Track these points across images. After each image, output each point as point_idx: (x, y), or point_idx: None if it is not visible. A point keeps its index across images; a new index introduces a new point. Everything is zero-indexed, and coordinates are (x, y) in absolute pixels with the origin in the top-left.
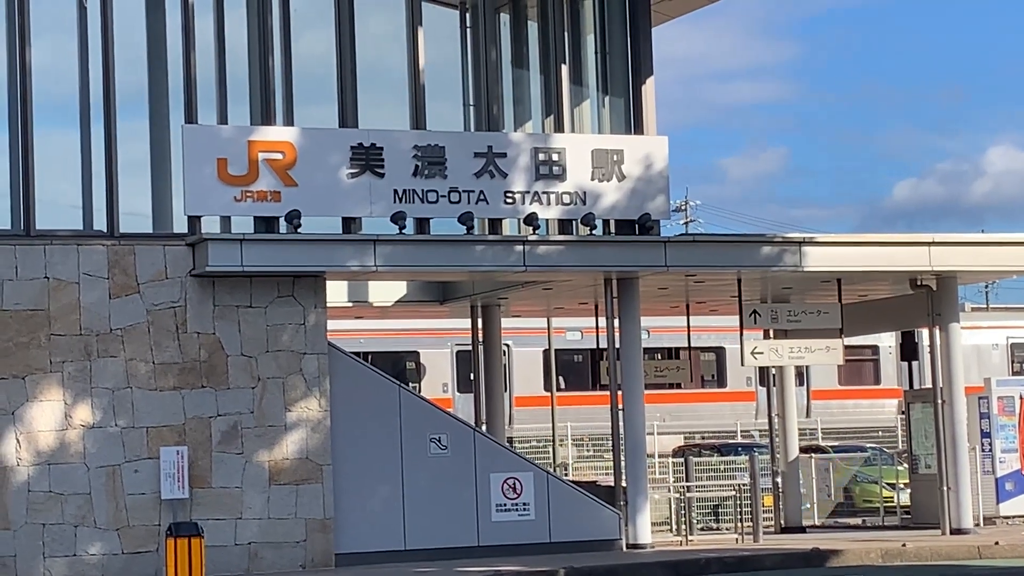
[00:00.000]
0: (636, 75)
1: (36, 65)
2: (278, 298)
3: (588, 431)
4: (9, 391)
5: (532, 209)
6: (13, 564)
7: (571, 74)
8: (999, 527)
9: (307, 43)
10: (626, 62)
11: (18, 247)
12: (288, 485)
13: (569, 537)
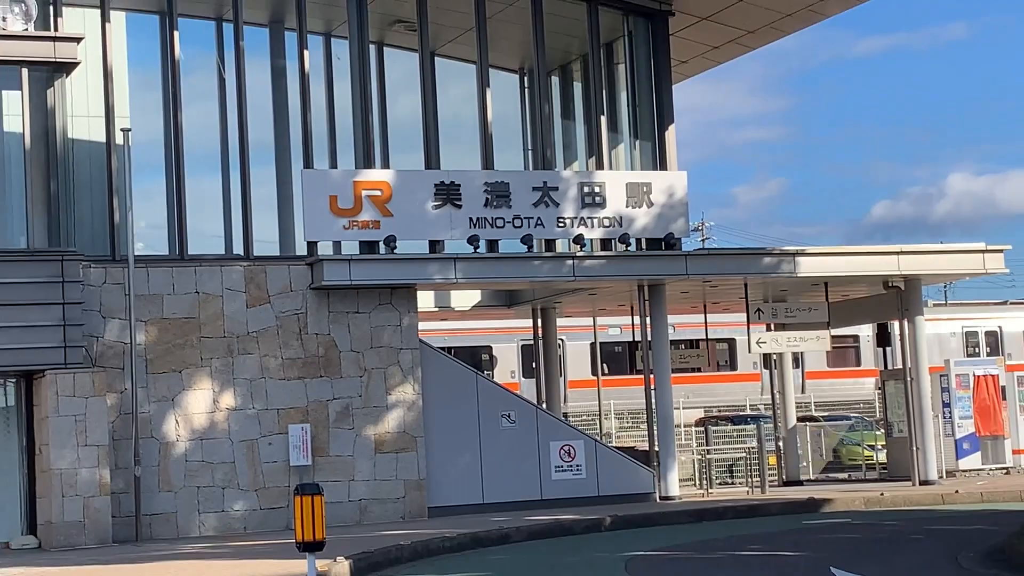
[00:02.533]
0: (661, 122)
1: (187, 125)
2: (379, 305)
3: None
4: (169, 383)
5: (579, 231)
6: (175, 519)
7: (608, 123)
8: (958, 479)
9: (399, 102)
10: (652, 112)
11: (175, 268)
12: (390, 453)
13: (613, 491)
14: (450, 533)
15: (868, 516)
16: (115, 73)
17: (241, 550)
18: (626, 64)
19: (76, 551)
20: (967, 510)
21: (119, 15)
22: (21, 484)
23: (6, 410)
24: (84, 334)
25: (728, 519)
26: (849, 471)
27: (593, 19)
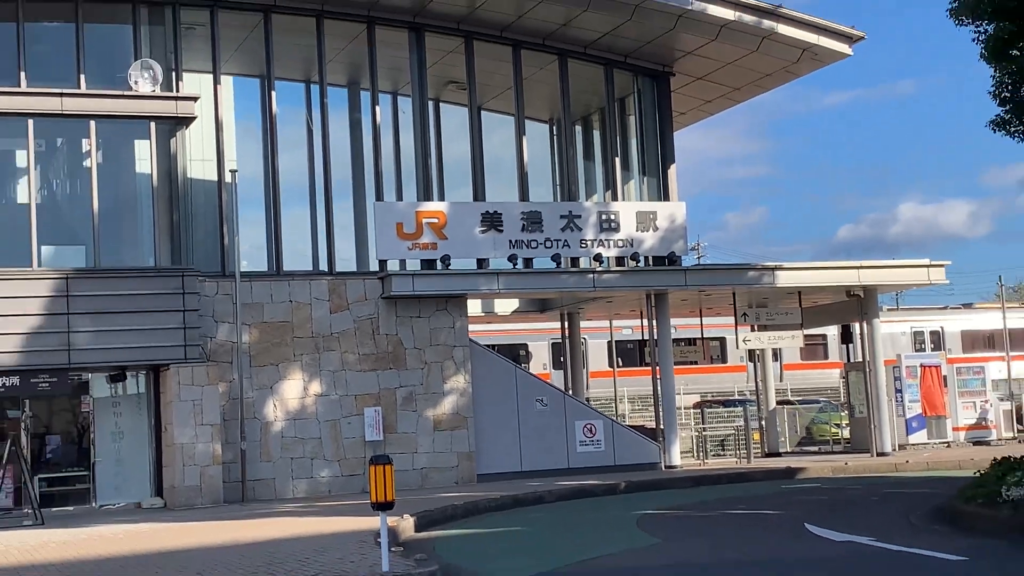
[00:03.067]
0: (664, 162)
1: (282, 166)
2: (437, 311)
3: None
4: (269, 374)
5: (598, 251)
6: (273, 484)
7: (621, 163)
8: (908, 451)
9: (452, 147)
10: (657, 154)
11: (272, 282)
12: (445, 431)
13: (626, 461)
14: (494, 495)
15: (835, 481)
16: (224, 125)
17: (326, 509)
18: (636, 115)
19: (194, 510)
20: (915, 477)
21: (227, 78)
22: (150, 456)
23: (138, 396)
24: (200, 335)
25: (721, 484)
26: (819, 445)
27: (609, 79)
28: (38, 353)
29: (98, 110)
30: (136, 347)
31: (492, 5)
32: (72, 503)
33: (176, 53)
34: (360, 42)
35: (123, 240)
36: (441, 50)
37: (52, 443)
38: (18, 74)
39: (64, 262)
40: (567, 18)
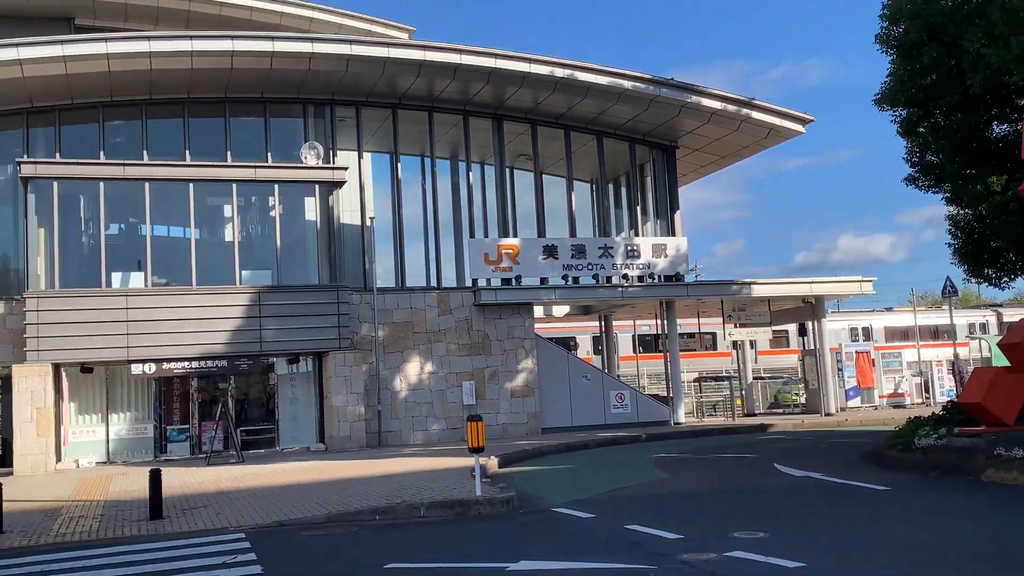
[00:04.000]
0: (671, 209)
1: (405, 213)
2: (512, 314)
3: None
4: (396, 358)
5: (625, 272)
6: (400, 435)
7: (641, 210)
8: (847, 412)
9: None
10: (667, 203)
11: (398, 294)
12: (518, 398)
13: (646, 419)
14: (553, 443)
15: (795, 434)
16: (365, 186)
17: (436, 452)
18: (651, 176)
19: (346, 452)
20: (853, 430)
21: (367, 154)
22: (316, 415)
23: (308, 373)
24: (349, 331)
25: (713, 436)
26: (783, 408)
27: (632, 152)
28: (239, 344)
29: (280, 177)
30: (306, 340)
31: (550, 101)
32: (262, 447)
33: (332, 137)
34: (458, 127)
35: (297, 266)
36: (514, 132)
37: (249, 406)
38: (225, 153)
39: (257, 281)
40: (602, 109)
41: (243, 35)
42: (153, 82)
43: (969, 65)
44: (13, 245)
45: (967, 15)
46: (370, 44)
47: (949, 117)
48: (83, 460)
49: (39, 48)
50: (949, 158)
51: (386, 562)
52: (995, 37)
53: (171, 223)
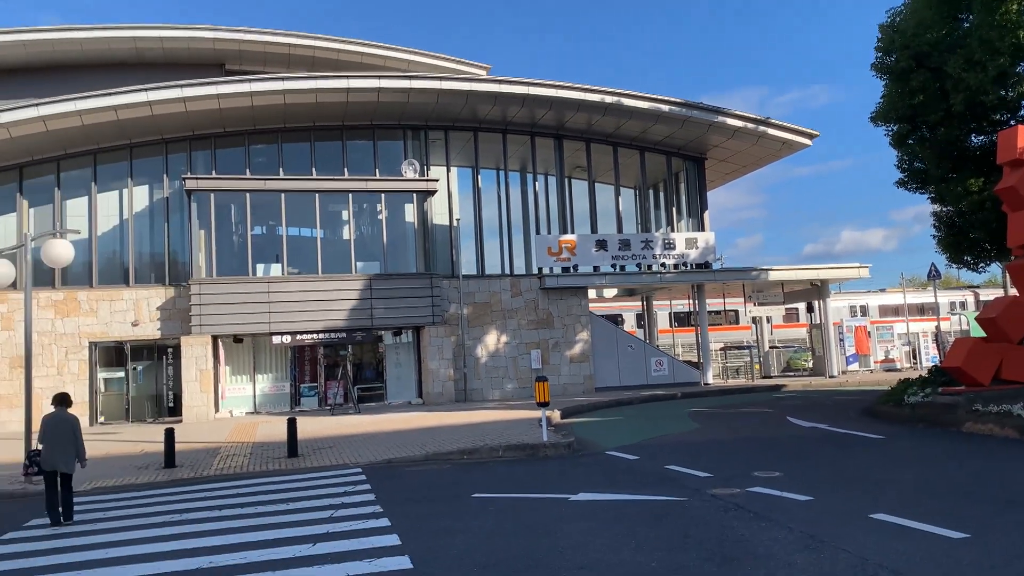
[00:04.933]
0: (701, 210)
1: (484, 216)
2: (571, 296)
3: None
4: (478, 332)
5: (663, 261)
6: (481, 392)
7: (676, 210)
8: (847, 375)
9: (578, 202)
10: (698, 205)
11: (479, 280)
12: (576, 363)
13: (681, 381)
14: (604, 399)
15: (804, 393)
16: (452, 194)
17: (511, 406)
18: (684, 183)
19: (438, 405)
20: (852, 390)
21: (454, 168)
22: (415, 376)
23: (408, 343)
24: (440, 310)
25: (736, 394)
26: (794, 371)
27: (668, 163)
28: (355, 320)
29: (385, 188)
30: (407, 316)
31: (601, 123)
32: (374, 401)
33: (426, 155)
34: (526, 146)
35: (399, 258)
36: (572, 148)
37: (363, 368)
38: (343, 169)
39: (368, 270)
40: (644, 129)
41: (356, 75)
42: (286, 114)
43: (951, 87)
44: (181, 244)
45: (950, 45)
46: (455, 80)
47: (934, 131)
48: (236, 411)
49: (198, 88)
50: (934, 164)
51: (473, 492)
52: (974, 63)
53: (301, 225)
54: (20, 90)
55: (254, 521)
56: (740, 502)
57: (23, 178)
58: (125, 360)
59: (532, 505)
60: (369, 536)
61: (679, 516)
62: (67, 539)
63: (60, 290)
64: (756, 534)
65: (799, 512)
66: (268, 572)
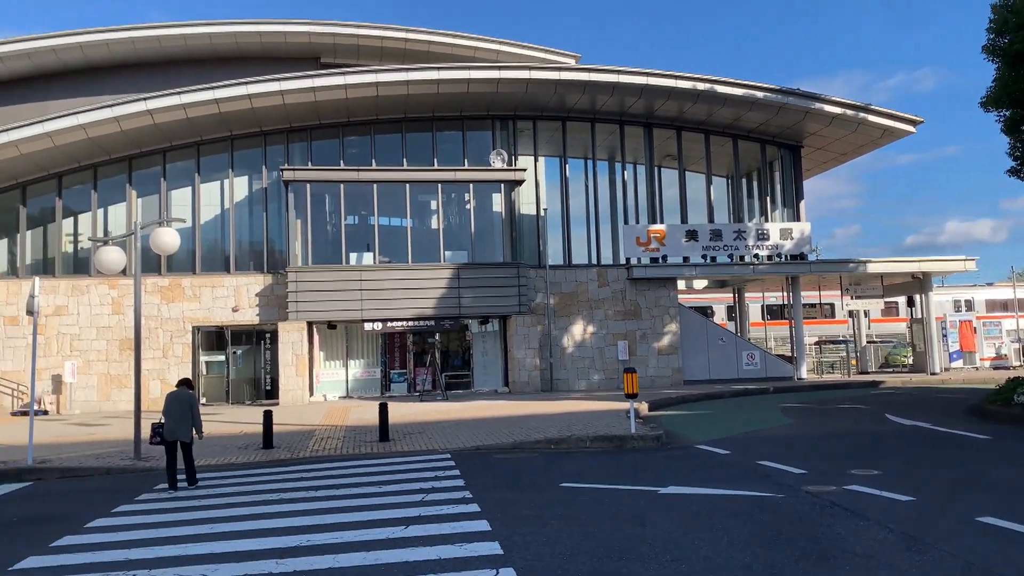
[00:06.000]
0: (797, 199)
1: (572, 205)
2: (659, 287)
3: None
4: (564, 321)
5: (756, 252)
6: (567, 382)
7: (770, 199)
8: (950, 372)
9: (668, 191)
10: (793, 193)
11: (566, 270)
12: (664, 355)
13: (773, 375)
14: (693, 392)
15: (904, 390)
16: (540, 184)
17: (597, 397)
18: (779, 172)
19: (524, 394)
20: (956, 388)
21: (541, 158)
22: (501, 364)
23: (495, 332)
24: (527, 299)
25: (831, 390)
26: (893, 368)
27: (763, 151)
28: (443, 308)
29: (474, 178)
30: (494, 305)
31: (692, 110)
32: (460, 389)
33: (514, 145)
34: (615, 134)
35: (486, 247)
36: (662, 137)
37: (450, 356)
38: (432, 160)
39: (456, 259)
40: (737, 116)
41: (447, 66)
42: (379, 106)
43: None
44: (278, 232)
45: None
46: (544, 69)
47: None
48: (329, 395)
49: (295, 81)
50: None
51: (561, 481)
52: None
53: (392, 215)
54: (128, 85)
55: (348, 502)
56: (836, 500)
57: (132, 169)
58: (225, 344)
59: (621, 496)
60: (460, 521)
61: (773, 512)
62: (173, 514)
63: (166, 276)
64: (854, 533)
65: (899, 512)
66: (363, 552)
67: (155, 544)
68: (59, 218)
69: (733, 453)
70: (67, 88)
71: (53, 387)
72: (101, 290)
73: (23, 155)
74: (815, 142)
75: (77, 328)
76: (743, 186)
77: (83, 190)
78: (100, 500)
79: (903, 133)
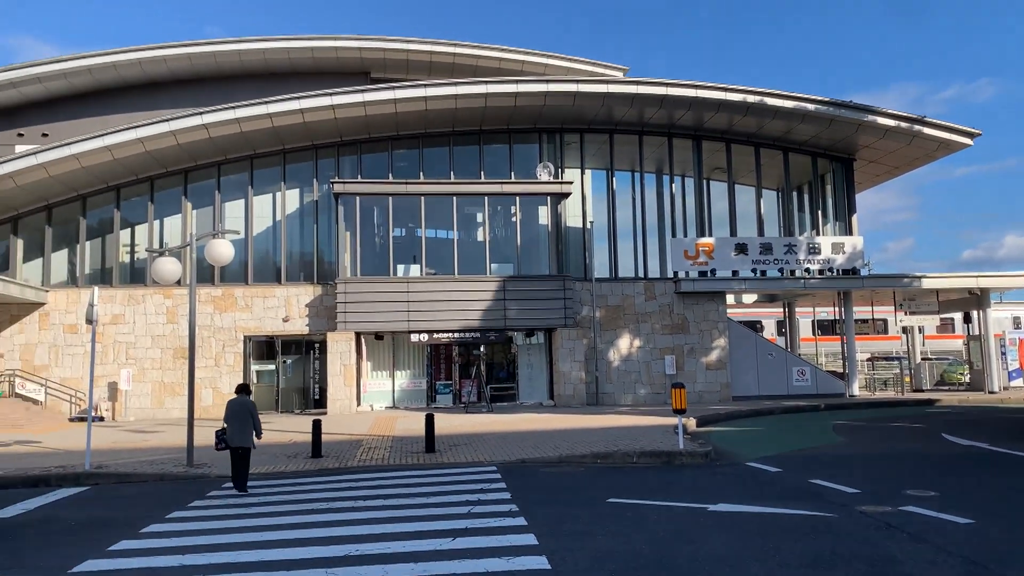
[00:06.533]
0: (849, 213)
1: (618, 217)
2: (707, 301)
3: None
4: (610, 335)
5: (807, 266)
6: (613, 396)
7: (822, 213)
8: (1009, 391)
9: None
10: (845, 207)
11: (612, 283)
12: (712, 370)
13: (824, 392)
14: (742, 408)
15: (960, 409)
16: (586, 197)
17: (643, 412)
18: (831, 185)
19: (569, 408)
20: (1015, 407)
21: (588, 171)
22: (546, 377)
23: (540, 345)
24: (573, 312)
25: (884, 408)
26: (949, 386)
27: (814, 164)
28: (489, 320)
29: (520, 191)
30: (539, 318)
31: (742, 123)
32: (505, 401)
33: (561, 158)
34: (663, 147)
35: (532, 260)
36: (711, 149)
37: (495, 368)
38: (479, 173)
39: (502, 272)
40: (787, 129)
41: (495, 80)
42: (427, 119)
43: None
44: (327, 244)
45: None
46: (592, 82)
47: None
48: (376, 405)
49: (346, 96)
50: None
51: (608, 496)
52: None
53: (438, 227)
54: (184, 100)
55: (395, 513)
56: (892, 521)
57: (187, 182)
58: (275, 354)
59: (669, 513)
60: (506, 534)
61: (826, 532)
62: (225, 520)
63: (219, 287)
64: (910, 556)
65: (958, 536)
66: (411, 563)
67: (208, 551)
68: (117, 229)
69: (784, 471)
70: (126, 103)
71: (109, 394)
72: (156, 300)
73: (84, 168)
74: (868, 155)
75: (133, 336)
76: (794, 199)
77: (140, 202)
78: (155, 505)
79: (960, 146)
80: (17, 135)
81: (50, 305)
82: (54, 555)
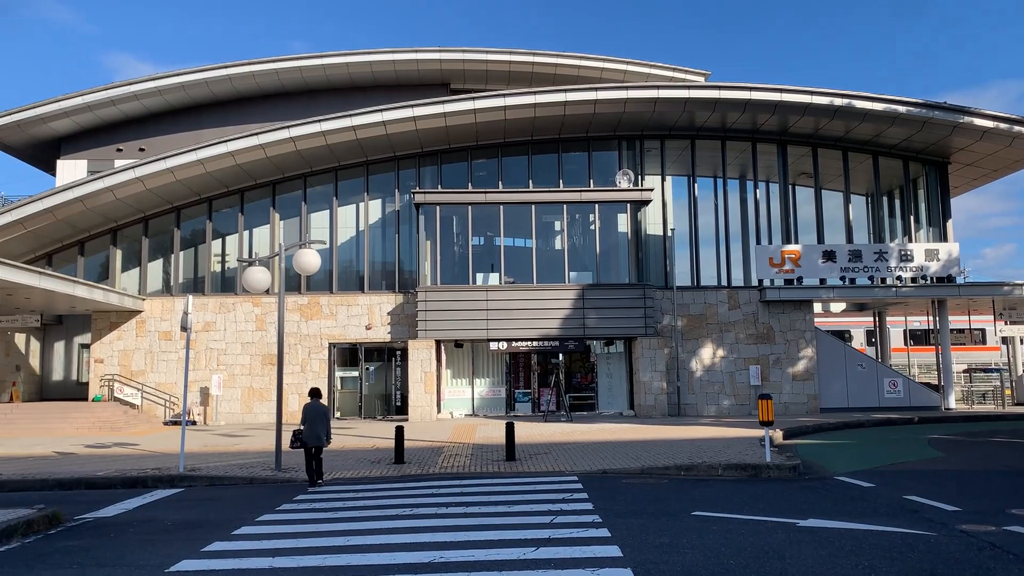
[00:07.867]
0: (943, 219)
1: (700, 224)
2: (794, 310)
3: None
4: (692, 344)
5: (898, 273)
6: (695, 407)
7: (914, 219)
8: None
9: (803, 210)
10: (939, 213)
11: (694, 291)
12: (799, 381)
13: (918, 404)
14: (831, 420)
15: None
16: (667, 203)
17: (727, 423)
18: (924, 190)
19: (650, 418)
20: None
21: (669, 177)
22: (626, 387)
23: (620, 354)
24: (654, 321)
25: (983, 422)
26: None
27: (906, 168)
28: (568, 329)
29: (599, 199)
30: (619, 327)
31: (829, 127)
32: (584, 410)
33: (641, 164)
34: (746, 152)
35: (611, 268)
36: (796, 154)
37: (574, 377)
38: (558, 181)
39: (581, 280)
40: (877, 132)
41: (573, 88)
42: (506, 128)
43: None
44: (408, 253)
45: None
46: (673, 87)
47: None
48: (455, 412)
49: (427, 107)
50: None
51: (692, 510)
52: None
53: (517, 236)
54: (272, 113)
55: (478, 520)
56: (997, 541)
57: (275, 193)
58: (358, 360)
59: (757, 528)
60: (589, 545)
61: (925, 552)
62: (313, 524)
63: (305, 295)
64: None
65: None
66: (495, 572)
67: (297, 554)
68: (209, 239)
69: (878, 486)
70: (217, 117)
71: (201, 399)
72: (246, 307)
73: (178, 180)
74: (963, 158)
75: (223, 343)
76: (884, 205)
77: (231, 213)
78: (245, 508)
79: None
80: (116, 150)
81: (146, 313)
82: (153, 554)
